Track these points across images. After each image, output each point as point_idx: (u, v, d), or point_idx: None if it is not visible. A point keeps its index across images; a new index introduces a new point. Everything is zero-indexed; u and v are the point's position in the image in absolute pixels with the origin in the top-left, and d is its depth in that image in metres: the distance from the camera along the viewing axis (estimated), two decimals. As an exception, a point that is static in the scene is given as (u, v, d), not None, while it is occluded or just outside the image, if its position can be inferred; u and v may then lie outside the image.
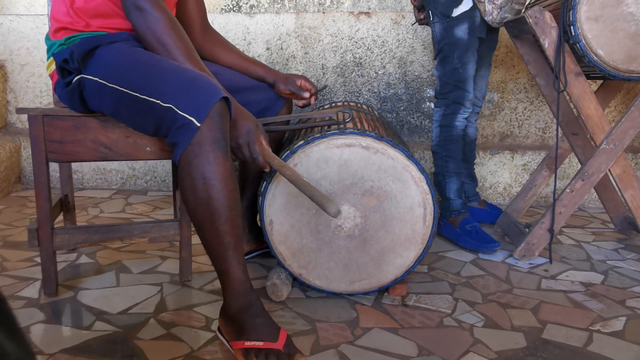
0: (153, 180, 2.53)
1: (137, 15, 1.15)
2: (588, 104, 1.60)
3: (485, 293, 1.44)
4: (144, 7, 1.14)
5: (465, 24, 1.74)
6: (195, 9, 1.50)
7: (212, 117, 1.02)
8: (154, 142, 1.30)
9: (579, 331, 1.24)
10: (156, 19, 1.14)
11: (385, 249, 1.34)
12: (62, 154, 1.27)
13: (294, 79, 1.48)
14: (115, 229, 1.37)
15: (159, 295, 1.37)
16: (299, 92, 1.48)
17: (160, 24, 1.14)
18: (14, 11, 2.52)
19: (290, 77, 1.48)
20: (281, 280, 1.35)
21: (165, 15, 1.15)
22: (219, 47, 1.53)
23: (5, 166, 2.33)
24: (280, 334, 1.05)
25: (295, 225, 1.33)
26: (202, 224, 1.07)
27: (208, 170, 1.03)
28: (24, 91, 2.56)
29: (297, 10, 2.49)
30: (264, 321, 1.06)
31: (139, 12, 1.14)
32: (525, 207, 2.01)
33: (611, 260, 1.72)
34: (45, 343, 1.12)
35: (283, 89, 1.48)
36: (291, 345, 1.05)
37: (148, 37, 1.15)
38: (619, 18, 1.48)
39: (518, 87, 2.51)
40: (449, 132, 1.83)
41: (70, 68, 1.22)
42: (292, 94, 1.49)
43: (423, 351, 1.13)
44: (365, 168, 1.31)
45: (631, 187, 1.65)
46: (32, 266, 1.54)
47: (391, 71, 2.49)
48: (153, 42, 1.15)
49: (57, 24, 1.25)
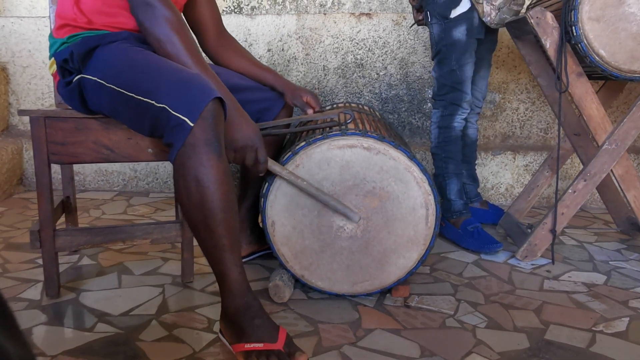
0: (155, 181, 2.53)
1: (145, 12, 1.15)
2: (590, 105, 1.60)
3: (488, 294, 1.44)
4: (152, 4, 1.14)
5: (463, 25, 1.73)
6: (209, 14, 1.50)
7: (205, 117, 1.02)
8: (155, 144, 1.30)
9: (582, 332, 1.24)
10: (165, 15, 1.14)
11: (388, 250, 1.34)
12: (64, 156, 1.27)
13: (301, 94, 1.49)
14: (117, 231, 1.37)
15: (160, 296, 1.37)
16: (304, 107, 1.49)
17: (169, 21, 1.14)
18: (15, 13, 2.52)
19: (298, 91, 1.49)
20: (283, 281, 1.35)
21: (174, 12, 1.15)
22: (232, 53, 1.53)
23: (8, 168, 2.34)
24: (280, 334, 1.05)
25: (297, 226, 1.33)
26: (197, 226, 1.07)
27: (201, 173, 1.02)
28: (26, 93, 2.56)
29: (298, 12, 2.49)
30: (262, 322, 1.06)
31: (147, 9, 1.14)
32: (527, 207, 2.01)
33: (614, 261, 1.71)
34: (47, 345, 1.12)
35: (289, 101, 1.50)
36: (291, 344, 1.05)
37: (156, 33, 1.15)
38: (620, 18, 1.48)
39: (520, 87, 2.50)
40: (448, 134, 1.83)
41: (70, 68, 1.22)
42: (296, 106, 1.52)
43: (425, 352, 1.13)
44: (367, 169, 1.30)
45: (634, 187, 1.64)
46: (34, 268, 1.54)
47: (392, 72, 2.49)
48: (161, 39, 1.15)
49: (61, 20, 1.25)
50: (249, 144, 1.17)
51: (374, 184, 1.31)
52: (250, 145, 1.17)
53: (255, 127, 1.19)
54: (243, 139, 1.16)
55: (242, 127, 1.16)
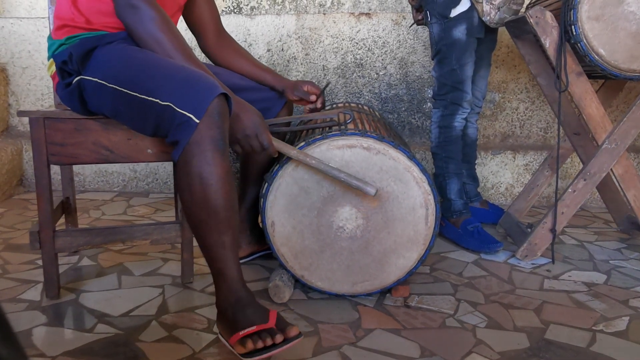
0: (154, 182, 2.53)
1: (131, 14, 1.15)
2: (590, 104, 1.60)
3: (488, 294, 1.44)
4: (137, 5, 1.14)
5: (463, 24, 1.73)
6: (208, 14, 1.51)
7: (211, 114, 1.02)
8: (155, 144, 1.30)
9: (582, 331, 1.24)
10: (150, 16, 1.14)
11: (388, 250, 1.34)
12: (64, 156, 1.27)
13: (301, 85, 1.50)
14: (117, 231, 1.37)
15: (160, 297, 1.37)
16: (307, 96, 1.50)
17: (154, 22, 1.14)
18: (15, 14, 2.52)
19: (298, 83, 1.50)
20: (283, 282, 1.35)
21: (159, 12, 1.15)
22: (232, 54, 1.53)
23: (7, 169, 2.34)
24: (270, 314, 1.06)
25: (297, 226, 1.33)
26: (198, 223, 1.07)
27: (205, 171, 1.03)
28: (25, 94, 2.56)
29: (297, 12, 2.49)
30: (253, 309, 1.07)
31: (132, 11, 1.14)
32: (527, 207, 2.01)
33: (614, 260, 1.71)
34: (47, 346, 1.12)
35: (292, 96, 1.50)
36: (282, 321, 1.07)
37: (142, 35, 1.15)
38: (620, 17, 1.48)
39: (519, 87, 2.50)
40: (448, 133, 1.83)
41: (69, 69, 1.22)
42: (301, 99, 1.51)
43: (425, 352, 1.13)
44: (366, 169, 1.30)
45: (634, 186, 1.64)
46: (33, 269, 1.54)
47: (392, 72, 2.49)
48: (148, 40, 1.15)
49: (59, 21, 1.25)
50: (248, 133, 1.18)
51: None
52: (250, 134, 1.18)
53: (254, 113, 1.19)
54: (242, 130, 1.17)
55: (244, 116, 1.17)
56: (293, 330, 1.04)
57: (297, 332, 1.04)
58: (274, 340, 1.01)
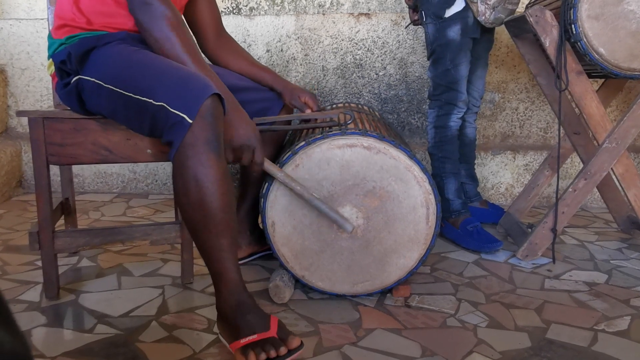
0: (154, 183, 2.53)
1: (144, 10, 1.15)
2: (590, 103, 1.60)
3: (489, 293, 1.44)
4: (151, 2, 1.14)
5: (457, 24, 1.73)
6: (209, 14, 1.50)
7: (204, 115, 1.02)
8: (154, 145, 1.29)
9: (584, 331, 1.23)
10: (164, 13, 1.14)
11: (388, 250, 1.34)
12: (63, 157, 1.27)
13: (299, 94, 1.48)
14: (117, 232, 1.36)
15: (160, 297, 1.37)
16: (302, 108, 1.49)
17: (168, 20, 1.14)
18: (14, 15, 2.52)
19: (296, 91, 1.49)
20: (284, 282, 1.34)
21: (173, 10, 1.16)
22: (232, 54, 1.53)
23: (6, 170, 2.33)
24: (271, 322, 1.05)
25: (297, 226, 1.32)
26: (195, 226, 1.07)
27: (201, 172, 1.02)
28: (25, 95, 2.55)
29: (296, 12, 2.49)
30: (254, 315, 1.06)
31: (146, 7, 1.14)
32: (527, 207, 2.01)
33: (615, 260, 1.71)
34: (46, 346, 1.12)
35: (287, 102, 1.50)
36: (283, 329, 1.06)
37: (155, 32, 1.15)
38: (619, 16, 1.48)
39: (519, 87, 2.50)
40: (444, 133, 1.82)
41: (68, 69, 1.22)
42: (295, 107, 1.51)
43: (426, 352, 1.12)
44: (367, 168, 1.30)
45: (634, 186, 1.64)
46: (33, 270, 1.53)
47: (392, 72, 2.48)
48: (160, 37, 1.15)
49: (59, 20, 1.25)
50: (246, 144, 1.17)
51: (374, 184, 1.31)
52: (247, 145, 1.17)
53: (254, 126, 1.19)
54: (241, 139, 1.16)
55: (241, 126, 1.16)
56: (295, 341, 1.03)
57: (299, 343, 1.03)
58: (277, 353, 0.99)
